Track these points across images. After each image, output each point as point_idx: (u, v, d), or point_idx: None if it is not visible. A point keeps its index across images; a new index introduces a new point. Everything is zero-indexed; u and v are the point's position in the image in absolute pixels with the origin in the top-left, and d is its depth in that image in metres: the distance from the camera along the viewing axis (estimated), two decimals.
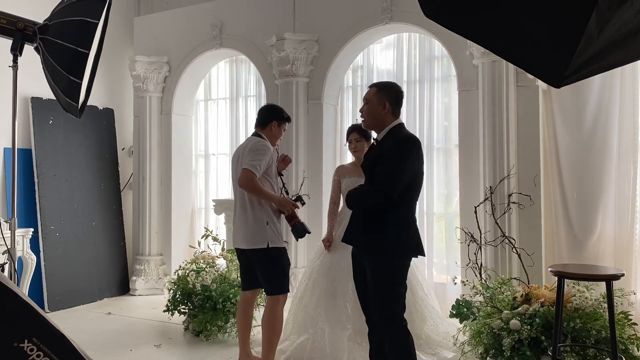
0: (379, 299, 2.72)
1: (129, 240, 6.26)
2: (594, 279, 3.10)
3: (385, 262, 2.70)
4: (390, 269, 2.71)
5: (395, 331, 2.68)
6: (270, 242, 3.35)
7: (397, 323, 2.69)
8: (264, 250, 3.35)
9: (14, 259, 2.53)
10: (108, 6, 2.61)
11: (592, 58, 1.20)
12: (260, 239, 3.36)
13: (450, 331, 3.91)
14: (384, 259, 2.70)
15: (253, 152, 3.39)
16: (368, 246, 2.77)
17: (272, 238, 3.37)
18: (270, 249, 3.36)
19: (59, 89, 2.56)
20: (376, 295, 2.72)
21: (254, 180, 3.30)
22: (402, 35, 5.34)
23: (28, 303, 1.29)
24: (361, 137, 4.00)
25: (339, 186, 4.11)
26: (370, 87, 2.91)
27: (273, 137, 3.58)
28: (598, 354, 3.28)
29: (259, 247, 3.36)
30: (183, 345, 4.24)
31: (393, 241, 2.70)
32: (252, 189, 3.34)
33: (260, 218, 3.38)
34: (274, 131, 3.56)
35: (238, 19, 5.74)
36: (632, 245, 4.11)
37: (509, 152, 4.35)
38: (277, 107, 3.80)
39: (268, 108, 3.74)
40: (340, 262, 3.91)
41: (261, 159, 3.34)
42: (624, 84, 4.19)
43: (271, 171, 3.46)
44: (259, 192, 3.35)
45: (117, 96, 6.41)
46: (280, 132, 3.61)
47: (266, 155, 3.37)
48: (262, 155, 3.36)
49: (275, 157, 3.55)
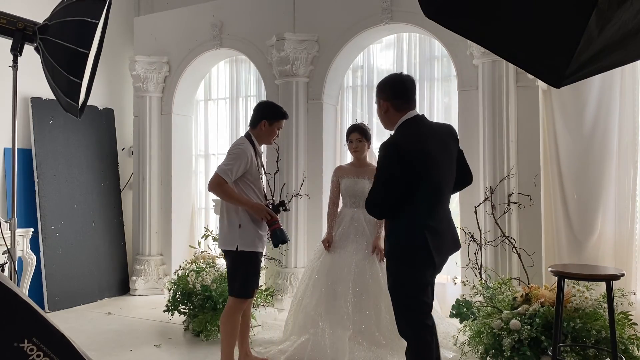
0: (393, 309, 2.68)
1: (129, 240, 6.26)
2: (594, 279, 3.10)
3: (388, 269, 2.63)
4: (392, 277, 2.62)
5: (408, 344, 2.60)
6: (240, 245, 3.31)
7: (415, 334, 2.58)
8: (232, 252, 3.35)
9: (14, 259, 2.53)
10: (108, 6, 2.61)
11: (592, 58, 1.20)
12: (231, 240, 3.35)
13: (450, 331, 3.91)
14: (387, 265, 2.64)
15: (227, 155, 3.35)
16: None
17: (244, 242, 3.31)
18: (239, 252, 3.31)
19: (59, 89, 2.56)
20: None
21: (223, 186, 3.26)
22: (402, 35, 5.34)
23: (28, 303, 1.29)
24: (362, 136, 3.99)
25: (338, 187, 4.11)
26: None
27: (263, 137, 3.46)
28: (598, 354, 3.28)
29: (229, 249, 3.37)
30: (183, 345, 4.24)
31: (390, 250, 2.62)
32: (220, 194, 3.32)
33: (233, 221, 3.35)
34: (264, 131, 3.43)
35: (238, 19, 5.74)
36: (632, 245, 4.11)
37: (509, 152, 4.35)
38: (269, 104, 3.66)
39: (258, 106, 3.58)
40: (340, 262, 3.91)
41: (234, 164, 3.27)
42: (624, 84, 4.19)
43: (251, 174, 3.35)
44: (227, 197, 3.31)
45: (117, 96, 6.41)
46: (272, 131, 3.46)
47: (240, 160, 3.28)
48: (235, 160, 3.28)
49: (255, 161, 3.38)
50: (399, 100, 2.63)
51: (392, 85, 2.68)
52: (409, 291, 2.58)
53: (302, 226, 5.25)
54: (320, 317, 3.81)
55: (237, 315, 3.42)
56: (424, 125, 2.68)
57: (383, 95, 2.67)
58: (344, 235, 4.00)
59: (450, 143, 2.69)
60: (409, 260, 2.56)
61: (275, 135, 3.51)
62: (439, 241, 2.56)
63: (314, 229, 5.18)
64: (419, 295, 2.58)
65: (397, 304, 2.63)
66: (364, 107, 5.52)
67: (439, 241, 2.56)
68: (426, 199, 2.55)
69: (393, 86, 2.67)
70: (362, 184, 3.98)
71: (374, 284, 3.81)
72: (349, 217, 4.03)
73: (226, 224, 3.39)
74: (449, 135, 2.71)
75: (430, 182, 2.55)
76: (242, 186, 3.34)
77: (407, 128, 2.61)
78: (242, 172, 3.30)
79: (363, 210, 3.99)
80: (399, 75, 2.77)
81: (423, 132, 2.63)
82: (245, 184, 3.35)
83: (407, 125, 2.61)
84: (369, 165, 4.06)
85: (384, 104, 2.66)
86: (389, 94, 2.65)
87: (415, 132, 2.61)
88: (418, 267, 2.56)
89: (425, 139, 2.59)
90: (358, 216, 4.00)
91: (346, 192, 4.06)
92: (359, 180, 4.00)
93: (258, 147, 3.46)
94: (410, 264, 2.56)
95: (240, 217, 3.33)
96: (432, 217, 2.57)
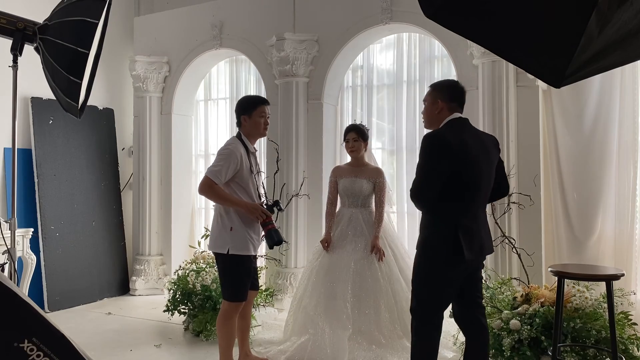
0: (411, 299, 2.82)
1: (129, 240, 6.26)
2: (594, 279, 3.10)
3: (416, 260, 2.78)
4: (417, 268, 2.76)
5: (414, 328, 2.74)
6: (231, 248, 3.23)
7: (416, 319, 2.73)
8: (223, 255, 3.27)
9: (14, 259, 2.53)
10: (108, 6, 2.61)
11: (592, 58, 1.20)
12: (221, 243, 3.26)
13: (450, 331, 3.90)
14: (416, 257, 2.79)
15: (217, 157, 3.30)
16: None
17: (236, 245, 3.24)
18: (230, 255, 3.24)
19: (59, 89, 2.56)
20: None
21: (213, 188, 3.19)
22: (402, 35, 5.34)
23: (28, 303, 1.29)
24: (359, 136, 4.01)
25: (336, 187, 4.11)
26: (429, 87, 2.94)
27: (252, 132, 3.38)
28: (598, 354, 3.28)
29: (220, 252, 3.28)
30: (183, 345, 4.24)
31: (421, 242, 2.76)
32: (211, 196, 3.28)
33: (225, 223, 3.28)
34: (248, 126, 3.36)
35: (238, 19, 5.74)
36: (632, 245, 4.11)
37: (509, 152, 4.35)
38: (241, 99, 3.51)
39: (235, 105, 3.48)
40: (339, 262, 3.92)
41: (223, 165, 3.21)
42: (624, 84, 4.19)
43: (242, 174, 3.28)
44: (218, 199, 3.26)
45: (117, 96, 6.41)
46: (256, 122, 3.35)
47: (230, 160, 3.22)
48: (224, 162, 3.22)
49: (247, 160, 3.33)
50: (455, 103, 2.81)
51: (451, 89, 2.84)
52: (433, 286, 2.70)
53: (302, 226, 5.24)
54: (319, 317, 3.82)
55: (232, 319, 3.38)
56: (468, 126, 2.81)
57: (441, 96, 2.81)
58: (342, 235, 4.00)
59: (492, 150, 2.82)
60: (437, 254, 2.68)
61: (263, 125, 3.39)
62: (471, 240, 2.65)
63: (314, 229, 5.18)
64: (440, 292, 2.70)
65: (414, 288, 2.76)
66: (364, 107, 5.52)
67: (471, 240, 2.65)
68: (462, 195, 2.66)
69: (452, 90, 2.84)
70: (359, 183, 3.99)
71: (373, 283, 3.81)
72: (347, 217, 4.04)
73: (219, 226, 3.31)
74: (491, 143, 2.85)
75: (467, 178, 2.66)
76: (233, 187, 3.27)
77: (452, 126, 2.75)
78: (232, 172, 3.23)
79: (361, 210, 4.02)
80: (457, 82, 2.96)
81: (466, 131, 2.77)
82: (237, 184, 3.28)
83: (451, 123, 2.76)
84: (367, 165, 4.07)
85: (441, 104, 2.80)
86: (447, 96, 2.80)
87: (459, 130, 2.74)
88: (446, 263, 2.66)
89: (468, 138, 2.71)
90: (356, 216, 4.01)
91: (344, 192, 4.06)
92: (356, 180, 4.01)
93: (250, 146, 3.39)
94: (438, 259, 2.68)
95: (232, 219, 3.26)
96: (466, 215, 2.68)
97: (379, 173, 4.04)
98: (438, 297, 2.72)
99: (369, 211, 4.04)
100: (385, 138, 5.52)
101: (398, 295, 3.82)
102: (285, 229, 5.18)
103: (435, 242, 2.68)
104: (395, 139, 5.35)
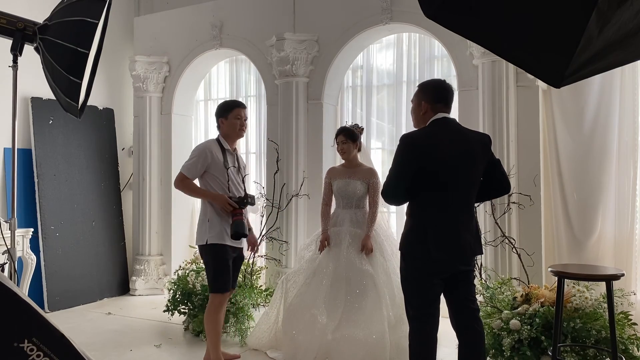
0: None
1: (129, 240, 6.26)
2: (594, 279, 3.10)
3: (400, 263, 2.83)
4: (400, 270, 2.82)
5: (408, 323, 2.78)
6: (209, 238, 3.44)
7: (406, 314, 2.80)
8: (204, 247, 3.48)
9: (14, 259, 2.53)
10: (108, 6, 2.61)
11: (592, 58, 1.20)
12: (201, 235, 3.49)
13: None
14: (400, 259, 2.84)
15: (190, 154, 3.59)
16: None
17: (212, 234, 3.44)
18: (209, 245, 3.44)
19: (59, 89, 2.56)
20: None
21: (184, 181, 3.49)
22: (402, 35, 5.34)
23: (28, 303, 1.29)
24: (347, 139, 4.05)
25: (331, 188, 4.15)
26: (417, 87, 2.94)
27: (229, 133, 3.57)
28: (598, 354, 3.28)
29: (200, 244, 3.50)
30: (183, 345, 4.24)
31: (400, 243, 2.79)
32: (183, 189, 3.54)
33: (202, 217, 3.53)
34: (225, 127, 3.58)
35: (238, 19, 5.74)
36: (632, 245, 4.11)
37: (509, 152, 4.35)
38: (218, 105, 3.70)
39: (215, 110, 3.70)
40: (334, 262, 3.92)
41: (194, 161, 3.49)
42: (624, 84, 4.19)
43: (215, 169, 3.49)
44: (189, 191, 3.57)
45: (117, 96, 6.41)
46: (232, 123, 3.56)
47: (199, 157, 3.48)
48: (194, 158, 3.50)
49: (219, 157, 3.51)
50: (440, 103, 2.77)
51: (436, 90, 2.80)
52: (411, 281, 2.75)
53: (302, 226, 5.25)
54: (317, 317, 3.81)
55: (217, 311, 3.51)
56: (449, 126, 2.76)
57: (425, 97, 2.79)
58: (336, 235, 4.01)
59: (477, 150, 2.73)
60: (410, 255, 2.72)
61: (239, 126, 3.58)
62: (442, 239, 2.64)
63: (314, 229, 5.16)
64: (419, 287, 2.72)
65: (403, 292, 2.82)
66: (364, 107, 5.52)
67: (442, 239, 2.64)
68: (438, 195, 2.65)
69: (437, 91, 2.80)
70: (353, 185, 4.01)
71: (368, 283, 3.81)
72: (342, 218, 4.06)
73: (199, 221, 3.55)
74: (479, 142, 2.77)
75: (445, 178, 2.64)
76: (208, 179, 3.50)
77: (430, 126, 2.74)
78: (203, 167, 3.48)
79: (355, 211, 4.05)
80: (443, 82, 2.89)
81: (444, 131, 2.72)
82: (211, 177, 3.50)
83: (432, 124, 2.75)
84: (361, 166, 4.09)
85: (425, 105, 2.78)
86: (431, 98, 2.77)
87: (434, 130, 2.72)
88: (421, 260, 2.67)
89: (442, 138, 2.68)
90: (350, 217, 4.03)
91: (338, 194, 4.08)
92: (350, 182, 4.03)
93: (229, 146, 3.57)
94: (410, 255, 2.73)
95: (208, 211, 3.49)
96: (441, 214, 2.66)
97: (373, 174, 4.06)
98: (417, 292, 2.73)
99: (363, 212, 4.05)
100: (385, 138, 5.52)
101: (392, 292, 3.82)
102: (285, 229, 5.18)
103: (409, 238, 2.72)
104: (395, 139, 5.34)
